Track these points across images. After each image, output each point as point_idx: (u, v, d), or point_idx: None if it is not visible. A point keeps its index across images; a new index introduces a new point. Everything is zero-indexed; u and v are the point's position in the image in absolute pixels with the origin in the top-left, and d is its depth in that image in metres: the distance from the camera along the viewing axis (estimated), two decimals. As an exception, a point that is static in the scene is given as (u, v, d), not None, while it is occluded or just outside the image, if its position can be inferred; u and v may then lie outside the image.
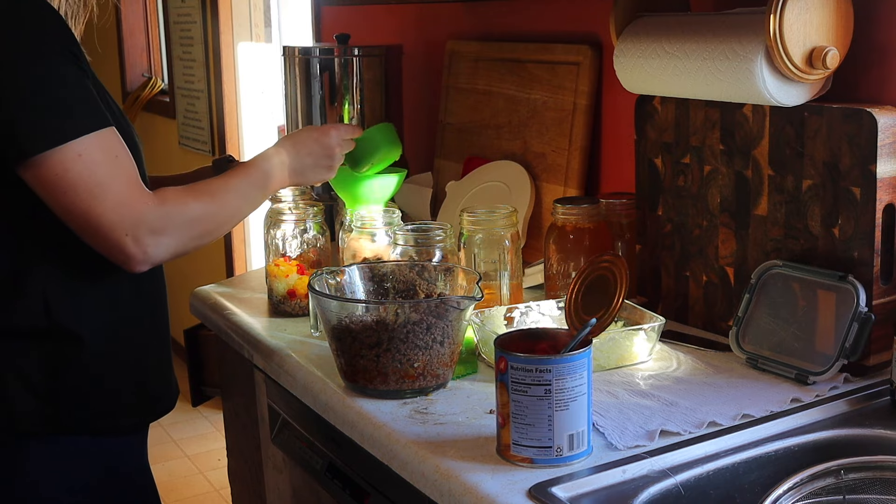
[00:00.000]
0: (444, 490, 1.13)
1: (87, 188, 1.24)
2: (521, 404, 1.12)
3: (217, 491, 3.41)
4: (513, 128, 2.10)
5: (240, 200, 1.43)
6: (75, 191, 1.24)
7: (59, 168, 1.23)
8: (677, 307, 1.66)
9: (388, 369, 1.33)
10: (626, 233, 1.75)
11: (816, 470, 1.07)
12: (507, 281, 1.67)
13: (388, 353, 1.32)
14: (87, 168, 1.24)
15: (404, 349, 1.32)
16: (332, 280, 1.47)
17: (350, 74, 2.35)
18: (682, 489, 1.12)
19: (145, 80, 4.62)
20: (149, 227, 1.27)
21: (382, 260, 1.62)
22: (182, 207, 1.32)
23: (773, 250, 1.48)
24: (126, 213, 1.26)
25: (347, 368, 1.37)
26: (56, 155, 1.22)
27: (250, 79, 3.77)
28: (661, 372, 1.42)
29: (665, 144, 1.64)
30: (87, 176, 1.24)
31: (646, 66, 1.56)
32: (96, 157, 1.24)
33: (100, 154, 1.25)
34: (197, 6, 3.81)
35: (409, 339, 1.32)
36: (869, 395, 1.32)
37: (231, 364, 1.88)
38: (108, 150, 1.26)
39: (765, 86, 1.37)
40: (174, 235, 1.31)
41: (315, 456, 1.54)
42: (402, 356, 1.33)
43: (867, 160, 1.33)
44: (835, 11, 1.37)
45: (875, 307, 1.34)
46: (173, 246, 1.31)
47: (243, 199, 1.44)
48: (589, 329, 1.18)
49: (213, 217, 1.37)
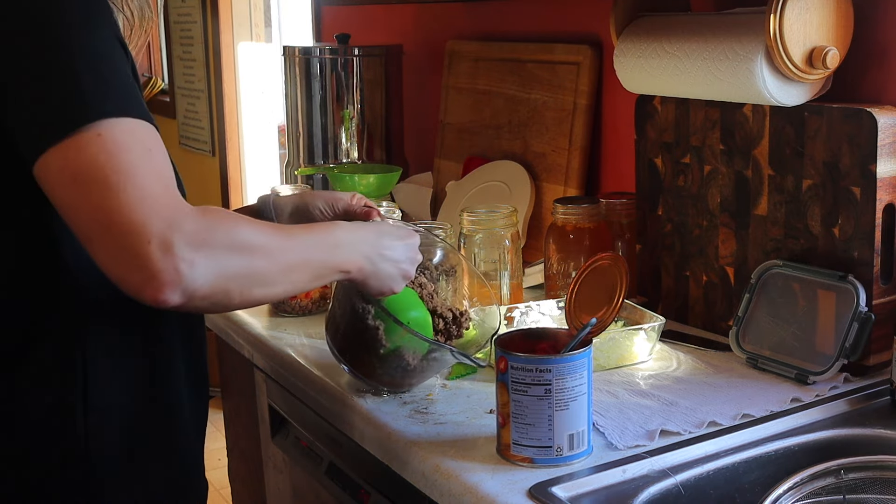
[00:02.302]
0: (444, 490, 1.13)
1: (104, 175, 0.92)
2: (521, 404, 1.12)
3: (217, 491, 3.41)
4: (513, 128, 2.10)
5: (303, 252, 1.09)
6: (88, 177, 0.92)
7: (71, 151, 0.93)
8: (677, 307, 1.66)
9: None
10: (626, 233, 1.75)
11: (816, 470, 1.07)
12: (507, 281, 1.67)
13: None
14: (107, 151, 0.92)
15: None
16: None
17: (350, 74, 2.36)
18: (682, 489, 1.12)
19: (145, 80, 4.62)
20: (186, 236, 0.92)
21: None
22: (231, 225, 0.99)
23: (773, 250, 1.48)
24: (155, 210, 0.92)
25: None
26: (73, 139, 0.93)
27: (250, 79, 3.77)
28: (661, 372, 1.42)
29: (665, 144, 1.64)
30: (106, 160, 0.92)
31: (646, 66, 1.56)
32: (122, 141, 0.93)
33: (128, 138, 0.94)
34: (197, 6, 3.81)
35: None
36: (869, 395, 1.32)
37: (231, 364, 1.88)
38: (140, 140, 0.96)
39: (765, 86, 1.37)
40: (217, 259, 0.95)
41: (315, 456, 1.54)
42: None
43: (867, 160, 1.33)
44: (835, 11, 1.37)
45: (875, 307, 1.34)
46: (214, 274, 0.95)
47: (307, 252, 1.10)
48: (589, 329, 1.18)
49: (269, 255, 1.03)
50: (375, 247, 1.19)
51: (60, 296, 1.04)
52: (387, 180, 2.18)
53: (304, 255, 1.09)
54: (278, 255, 1.04)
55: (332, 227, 1.18)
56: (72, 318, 1.05)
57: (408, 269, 1.23)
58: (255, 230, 1.02)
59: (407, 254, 1.23)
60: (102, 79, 0.96)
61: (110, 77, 0.97)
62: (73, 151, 0.92)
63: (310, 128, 2.40)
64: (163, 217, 0.92)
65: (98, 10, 1.00)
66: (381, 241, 1.20)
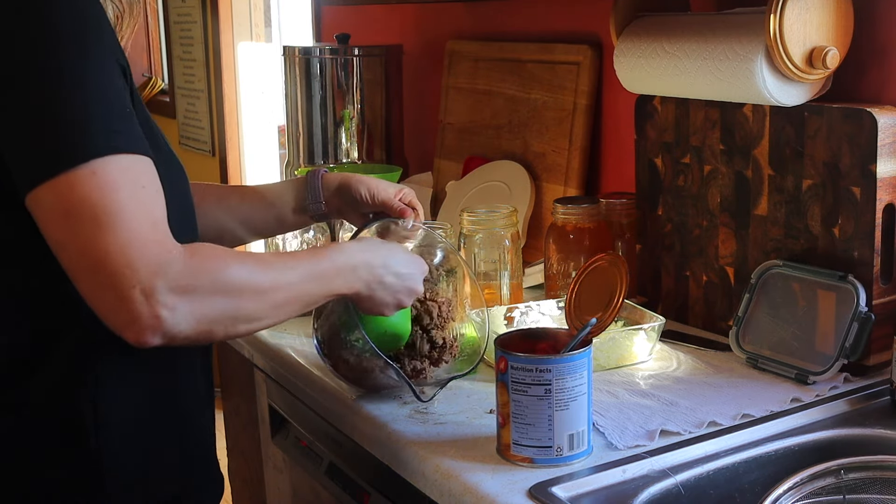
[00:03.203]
0: (444, 490, 1.13)
1: (94, 214, 0.92)
2: (521, 404, 1.12)
3: (217, 491, 3.41)
4: (513, 128, 2.10)
5: (298, 286, 1.08)
6: (78, 215, 0.93)
7: (63, 187, 0.93)
8: (677, 307, 1.66)
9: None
10: (626, 233, 1.75)
11: (816, 470, 1.07)
12: (507, 281, 1.67)
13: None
14: (100, 189, 0.93)
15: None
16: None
17: (350, 74, 2.36)
18: (682, 489, 1.12)
19: (145, 79, 4.62)
20: (169, 282, 0.94)
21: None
22: (219, 266, 0.99)
23: (773, 250, 1.48)
24: (141, 254, 0.93)
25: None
26: (67, 176, 0.93)
27: (250, 79, 3.77)
28: (661, 372, 1.42)
29: (665, 144, 1.64)
30: (98, 199, 0.93)
31: (646, 65, 1.56)
32: (115, 179, 0.94)
33: (121, 177, 0.95)
34: (197, 6, 3.81)
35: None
36: (869, 395, 1.32)
37: (231, 364, 1.88)
38: (134, 178, 0.96)
39: (765, 85, 1.37)
40: (200, 303, 0.96)
41: (315, 456, 1.54)
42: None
43: (867, 160, 1.33)
44: (835, 11, 1.37)
45: (875, 307, 1.34)
46: (195, 318, 0.96)
47: (302, 286, 1.09)
48: (589, 329, 1.18)
49: (258, 295, 1.02)
50: (377, 273, 1.18)
51: (70, 311, 1.03)
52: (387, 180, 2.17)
53: (297, 291, 1.08)
54: (269, 294, 1.04)
55: (338, 252, 1.17)
56: (82, 334, 1.04)
57: (404, 299, 1.23)
58: (245, 269, 1.02)
59: (407, 284, 1.22)
60: (99, 113, 0.96)
61: (108, 110, 0.97)
62: (66, 188, 0.93)
63: (310, 128, 2.40)
64: (149, 261, 0.93)
65: (96, 38, 0.99)
66: (386, 268, 1.19)
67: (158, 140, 1.10)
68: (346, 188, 1.38)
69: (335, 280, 1.14)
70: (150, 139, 1.05)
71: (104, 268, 0.92)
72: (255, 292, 1.02)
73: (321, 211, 1.40)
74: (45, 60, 0.95)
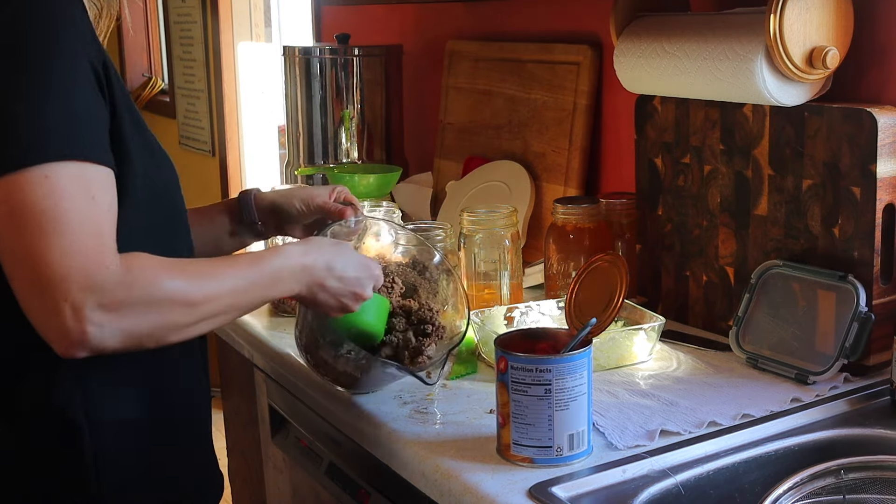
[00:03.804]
0: (444, 490, 1.13)
1: (38, 219, 0.92)
2: (521, 404, 1.12)
3: (217, 491, 3.41)
4: (513, 128, 2.10)
5: (232, 297, 1.06)
6: (22, 217, 0.92)
7: (12, 186, 0.92)
8: (677, 307, 1.66)
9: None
10: (626, 233, 1.75)
11: (816, 470, 1.07)
12: (507, 281, 1.67)
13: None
14: (47, 195, 0.93)
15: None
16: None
17: (350, 74, 2.36)
18: (682, 489, 1.12)
19: (145, 79, 4.62)
20: (100, 298, 0.93)
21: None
22: (152, 280, 0.98)
23: (773, 250, 1.48)
24: (77, 267, 0.92)
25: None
26: (19, 175, 0.93)
27: (250, 79, 3.77)
28: (661, 372, 1.42)
29: (665, 144, 1.64)
30: (45, 204, 0.92)
31: (646, 65, 1.56)
32: (65, 186, 0.93)
33: (73, 184, 0.94)
34: (197, 6, 3.81)
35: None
36: (869, 395, 1.32)
37: (231, 364, 1.88)
38: (86, 187, 0.95)
39: (765, 85, 1.37)
40: (130, 318, 0.96)
41: (315, 456, 1.54)
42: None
43: (867, 160, 1.33)
44: (835, 11, 1.37)
45: (875, 307, 1.34)
46: (123, 333, 0.96)
47: (236, 296, 1.07)
48: (589, 329, 1.18)
49: (190, 307, 1.01)
50: (318, 277, 1.16)
51: None
52: (387, 180, 2.18)
53: (232, 300, 1.07)
54: (201, 306, 1.02)
55: (279, 256, 1.14)
56: None
57: (349, 303, 1.21)
58: (178, 282, 1.00)
59: (352, 289, 1.20)
60: (59, 117, 0.95)
61: (69, 114, 0.96)
62: (14, 188, 0.92)
63: (310, 128, 2.40)
64: (84, 275, 0.93)
65: (65, 39, 0.98)
66: (329, 271, 1.17)
67: (149, 141, 1.09)
68: (280, 205, 1.37)
69: (275, 286, 1.13)
70: (141, 140, 1.05)
71: (40, 276, 0.92)
72: (188, 304, 1.01)
73: (257, 231, 1.39)
74: (9, 59, 0.94)
